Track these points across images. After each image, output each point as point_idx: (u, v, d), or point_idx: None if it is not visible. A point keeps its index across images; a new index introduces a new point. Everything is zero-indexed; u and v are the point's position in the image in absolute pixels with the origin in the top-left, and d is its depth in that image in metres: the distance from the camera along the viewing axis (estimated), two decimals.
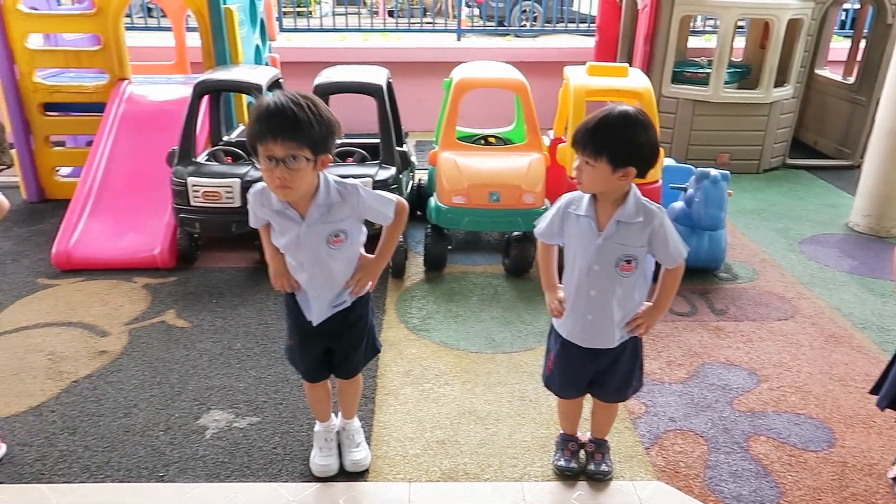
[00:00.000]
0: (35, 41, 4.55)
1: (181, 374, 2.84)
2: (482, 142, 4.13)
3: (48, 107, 4.64)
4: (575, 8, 8.91)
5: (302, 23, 8.00)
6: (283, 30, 6.43)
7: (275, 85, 4.07)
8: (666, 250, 1.97)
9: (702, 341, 3.15)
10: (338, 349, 2.19)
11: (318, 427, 2.39)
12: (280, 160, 1.79)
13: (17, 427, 2.51)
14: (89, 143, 5.19)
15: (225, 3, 4.38)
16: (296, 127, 1.77)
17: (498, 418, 2.60)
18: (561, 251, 2.14)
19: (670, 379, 2.87)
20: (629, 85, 3.73)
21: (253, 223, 2.09)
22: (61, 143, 5.05)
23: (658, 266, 2.06)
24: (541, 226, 2.13)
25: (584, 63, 3.96)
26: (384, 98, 3.75)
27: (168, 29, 6.29)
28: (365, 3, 15.32)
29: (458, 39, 7.50)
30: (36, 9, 4.61)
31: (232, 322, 3.25)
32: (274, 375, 2.84)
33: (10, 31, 4.36)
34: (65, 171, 4.92)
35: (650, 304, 2.08)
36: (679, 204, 3.66)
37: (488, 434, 2.51)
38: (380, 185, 3.51)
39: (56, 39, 5.11)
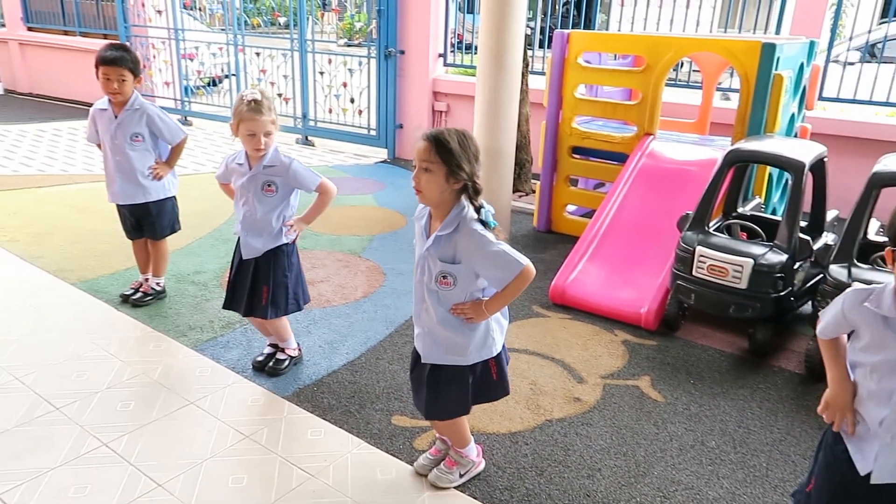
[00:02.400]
0: (579, 90, 4.99)
1: (647, 453, 2.66)
2: None
3: (574, 150, 5.05)
4: None
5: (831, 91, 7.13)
6: (820, 98, 5.78)
7: (819, 163, 3.59)
8: None
9: None
10: None
11: None
12: None
13: (496, 447, 2.68)
14: (596, 187, 5.53)
15: (777, 69, 4.07)
16: None
17: None
18: None
19: None
20: None
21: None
22: (574, 183, 5.46)
23: None
24: None
25: None
26: None
27: (695, 86, 6.31)
28: None
29: None
30: (589, 62, 5.06)
31: (708, 412, 2.95)
32: (749, 497, 2.44)
33: (566, 81, 4.87)
34: (570, 208, 5.31)
35: None
36: None
37: None
38: None
39: (595, 91, 5.54)
